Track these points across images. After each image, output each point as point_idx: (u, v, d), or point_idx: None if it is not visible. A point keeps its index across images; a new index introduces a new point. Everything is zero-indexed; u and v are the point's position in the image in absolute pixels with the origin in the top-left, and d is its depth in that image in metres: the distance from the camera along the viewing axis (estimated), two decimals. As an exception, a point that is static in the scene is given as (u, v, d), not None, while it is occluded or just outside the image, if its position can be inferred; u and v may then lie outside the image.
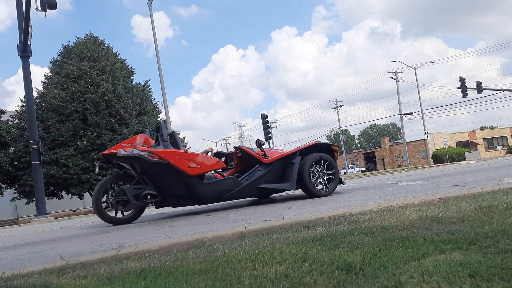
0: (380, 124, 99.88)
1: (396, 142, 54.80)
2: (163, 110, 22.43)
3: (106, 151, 5.74)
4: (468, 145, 49.98)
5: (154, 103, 25.43)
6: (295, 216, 3.70)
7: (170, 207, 5.93)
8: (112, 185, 5.63)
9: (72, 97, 21.15)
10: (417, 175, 10.31)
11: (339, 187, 6.74)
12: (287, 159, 6.25)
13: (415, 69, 40.93)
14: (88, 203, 29.05)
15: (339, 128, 52.38)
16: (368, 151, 62.83)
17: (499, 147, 52.01)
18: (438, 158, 40.89)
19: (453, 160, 38.56)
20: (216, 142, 72.90)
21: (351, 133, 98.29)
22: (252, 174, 6.05)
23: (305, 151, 6.34)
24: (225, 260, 2.12)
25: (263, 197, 6.98)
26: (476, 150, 46.93)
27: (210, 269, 1.96)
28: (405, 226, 2.58)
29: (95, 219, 8.08)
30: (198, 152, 6.15)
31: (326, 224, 2.98)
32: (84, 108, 21.02)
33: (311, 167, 6.14)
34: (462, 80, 29.78)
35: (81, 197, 22.43)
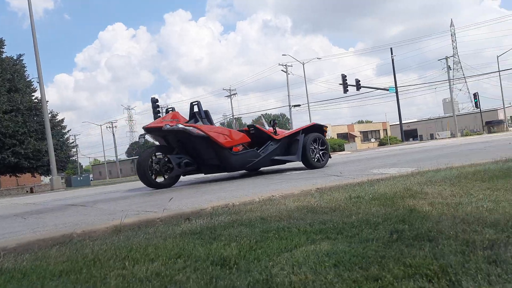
0: (271, 114, 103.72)
1: (285, 132, 57.36)
2: (38, 88, 20.31)
3: (149, 125, 6.47)
4: (347, 137, 54.51)
5: (28, 79, 22.89)
6: (179, 207, 3.61)
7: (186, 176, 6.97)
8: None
9: None
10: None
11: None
12: (293, 136, 7.51)
13: (303, 64, 43.16)
14: None
15: (232, 116, 53.15)
16: (258, 140, 64.78)
17: (372, 140, 57.70)
18: (321, 148, 43.82)
19: (334, 150, 41.65)
20: (101, 125, 68.67)
21: (243, 121, 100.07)
22: (267, 148, 7.12)
23: (305, 130, 7.63)
24: (92, 258, 1.95)
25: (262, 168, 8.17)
26: (354, 141, 51.42)
27: (73, 270, 1.78)
28: (283, 217, 2.66)
29: None
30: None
31: (208, 215, 2.95)
32: None
33: (311, 144, 7.44)
34: (344, 77, 32.25)
35: None
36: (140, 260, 1.88)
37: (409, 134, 64.57)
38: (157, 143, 6.85)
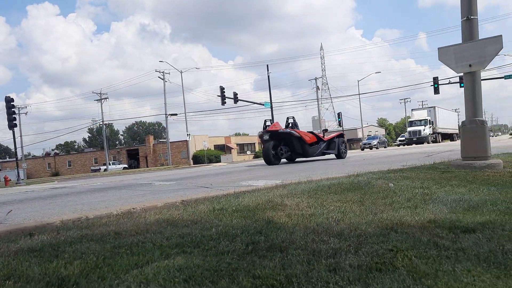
0: (146, 121, 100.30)
1: (160, 141, 56.11)
2: None
3: (269, 129, 12.18)
4: (224, 148, 55.47)
5: None
6: (25, 220, 3.20)
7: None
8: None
9: None
10: (174, 175, 10.69)
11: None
12: (332, 139, 13.49)
13: (181, 72, 42.71)
14: None
15: (102, 121, 50.03)
16: (131, 148, 62.00)
17: (248, 152, 59.73)
18: (198, 159, 43.97)
19: (210, 161, 42.11)
20: None
21: (115, 128, 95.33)
22: (320, 145, 12.88)
23: (338, 136, 13.77)
24: None
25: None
26: (230, 153, 52.58)
27: None
28: (139, 231, 2.52)
29: None
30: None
31: (55, 230, 2.65)
32: None
33: (340, 144, 13.51)
34: (222, 89, 32.81)
35: None
36: (-47, 287, 1.58)
37: (282, 148, 68.38)
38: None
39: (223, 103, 32.92)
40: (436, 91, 33.58)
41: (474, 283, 1.55)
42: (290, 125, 12.75)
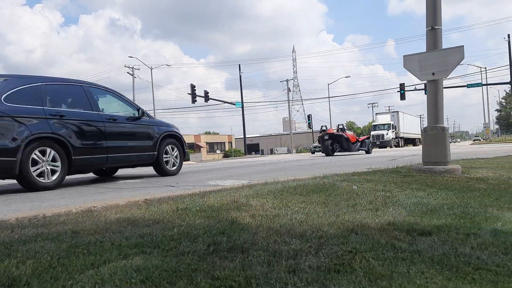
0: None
1: (129, 138, 54.94)
2: None
3: (329, 131, 17.71)
4: (193, 147, 55.01)
5: None
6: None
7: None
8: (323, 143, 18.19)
9: None
10: (141, 173, 10.49)
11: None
12: (364, 140, 18.68)
13: (151, 68, 42.11)
14: None
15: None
16: (99, 145, 60.52)
17: (218, 151, 59.52)
18: (166, 157, 43.38)
19: (179, 160, 41.55)
20: None
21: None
22: (357, 144, 18.18)
23: (367, 137, 19.35)
24: None
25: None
26: (200, 152, 52.21)
27: None
28: (98, 230, 2.46)
29: None
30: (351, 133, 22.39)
31: (9, 228, 2.55)
32: None
33: (369, 143, 18.91)
34: (193, 87, 32.57)
35: None
36: None
37: (252, 148, 68.53)
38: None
39: (194, 101, 32.70)
40: (402, 97, 34.51)
41: (426, 285, 1.60)
42: (340, 130, 18.00)
